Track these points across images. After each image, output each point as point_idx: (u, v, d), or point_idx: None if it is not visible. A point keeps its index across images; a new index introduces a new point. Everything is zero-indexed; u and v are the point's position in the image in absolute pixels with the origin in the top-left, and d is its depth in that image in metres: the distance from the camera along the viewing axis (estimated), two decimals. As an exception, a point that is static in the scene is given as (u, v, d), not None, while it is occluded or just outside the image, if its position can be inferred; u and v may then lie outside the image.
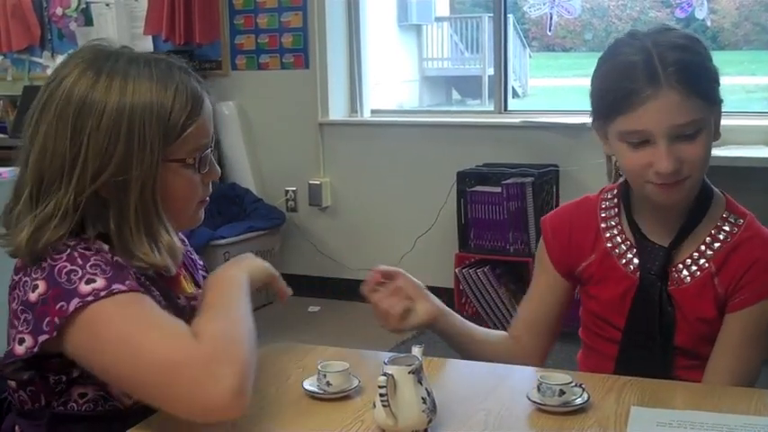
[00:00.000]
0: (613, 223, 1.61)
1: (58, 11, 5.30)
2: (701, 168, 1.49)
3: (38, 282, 1.23)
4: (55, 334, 1.20)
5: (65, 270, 1.22)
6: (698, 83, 1.44)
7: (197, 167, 1.34)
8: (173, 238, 1.33)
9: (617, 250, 1.59)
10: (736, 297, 1.52)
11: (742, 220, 1.56)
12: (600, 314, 1.63)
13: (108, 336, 1.19)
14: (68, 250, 1.25)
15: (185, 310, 1.38)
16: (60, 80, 1.29)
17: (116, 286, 1.21)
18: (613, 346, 1.60)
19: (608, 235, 1.61)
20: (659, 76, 1.41)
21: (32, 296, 1.22)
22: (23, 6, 5.36)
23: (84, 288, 1.20)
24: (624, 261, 1.58)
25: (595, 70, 1.54)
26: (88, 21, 5.22)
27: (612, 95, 1.46)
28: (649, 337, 1.55)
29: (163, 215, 1.31)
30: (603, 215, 1.63)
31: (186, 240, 1.55)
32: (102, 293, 1.20)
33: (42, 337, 1.20)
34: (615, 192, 1.64)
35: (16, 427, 1.34)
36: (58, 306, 1.20)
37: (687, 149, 1.44)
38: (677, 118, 1.42)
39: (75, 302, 1.19)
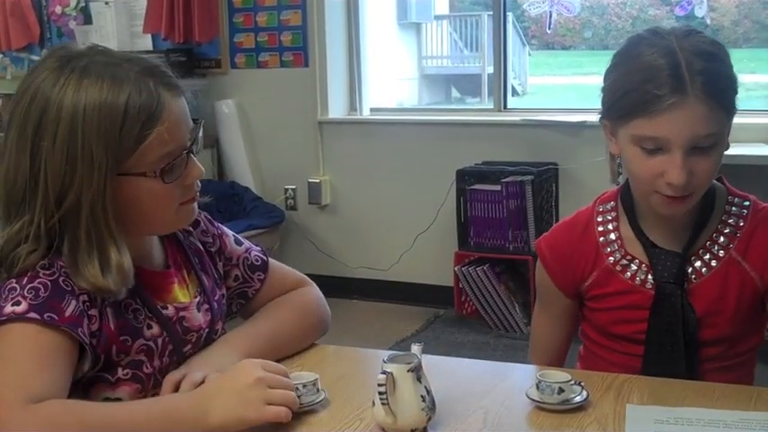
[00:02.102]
0: (613, 237, 1.57)
1: (58, 9, 5.29)
2: (708, 183, 1.47)
3: None
4: None
5: (9, 286, 1.22)
6: (723, 95, 1.40)
7: (161, 178, 1.28)
8: (123, 259, 1.26)
9: (619, 265, 1.56)
10: None
11: (747, 202, 1.55)
12: (608, 329, 1.60)
13: None
14: (25, 259, 1.24)
15: (170, 321, 1.36)
16: (22, 93, 1.27)
17: (33, 314, 1.19)
18: (626, 357, 1.57)
19: (608, 250, 1.57)
20: (686, 84, 1.36)
21: None
22: (23, 5, 5.36)
23: (8, 308, 1.20)
24: (629, 274, 1.55)
25: (613, 66, 1.48)
26: (87, 19, 5.21)
27: (633, 97, 1.40)
28: (674, 345, 1.52)
29: (117, 234, 1.26)
30: (601, 229, 1.59)
31: (214, 232, 1.53)
32: (15, 317, 1.19)
33: None
34: (612, 203, 1.60)
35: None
36: None
37: (700, 163, 1.40)
38: (699, 129, 1.38)
39: None
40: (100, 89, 1.24)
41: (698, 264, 1.52)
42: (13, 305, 1.20)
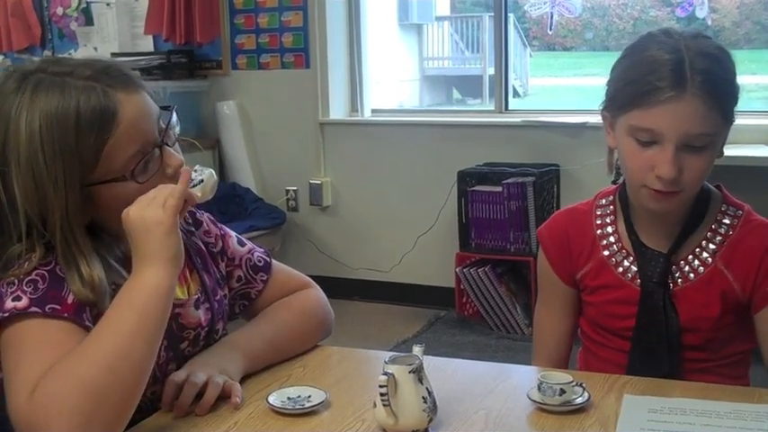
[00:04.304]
0: (610, 230, 1.59)
1: (59, 10, 5.30)
2: (698, 184, 1.48)
3: None
4: None
5: (6, 281, 1.22)
6: (721, 97, 1.42)
7: (134, 179, 1.27)
8: (93, 272, 1.24)
9: (613, 259, 1.58)
10: (761, 290, 1.51)
11: (741, 211, 1.56)
12: (599, 322, 1.62)
13: (4, 358, 1.19)
14: (25, 262, 1.24)
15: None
16: None
17: (34, 309, 1.19)
18: (616, 353, 1.59)
19: (604, 243, 1.59)
20: (686, 80, 1.39)
21: None
22: (24, 6, 5.36)
23: (9, 304, 1.20)
24: (621, 269, 1.57)
25: (620, 59, 1.51)
26: (89, 20, 5.23)
27: (633, 87, 1.43)
28: (656, 344, 1.53)
29: (86, 249, 1.25)
30: (599, 222, 1.61)
31: (217, 233, 1.52)
32: (18, 313, 1.19)
33: None
34: (612, 198, 1.62)
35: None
36: None
37: (691, 161, 1.42)
38: (693, 127, 1.40)
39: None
40: (49, 105, 1.23)
41: (686, 268, 1.54)
42: (13, 300, 1.20)
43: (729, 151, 1.51)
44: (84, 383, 1.12)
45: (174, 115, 1.36)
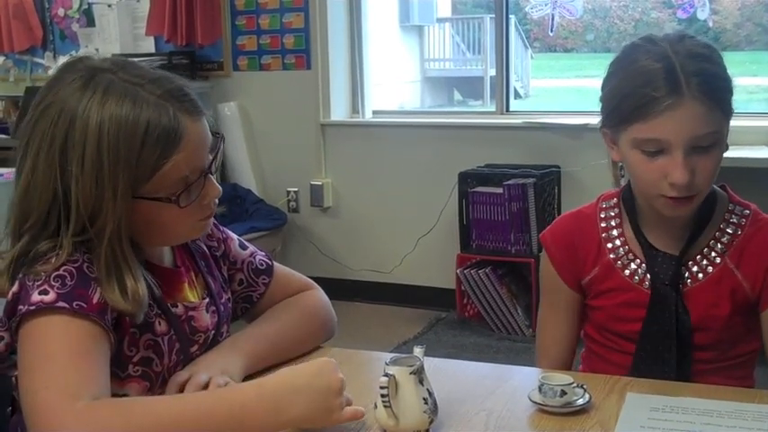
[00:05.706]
0: (615, 234, 1.59)
1: (60, 12, 5.31)
2: (710, 183, 1.48)
3: (18, 279, 1.23)
4: (10, 335, 1.21)
5: (34, 276, 1.22)
6: (718, 94, 1.42)
7: (177, 203, 1.27)
8: (138, 286, 1.24)
9: (620, 262, 1.57)
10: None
11: (748, 211, 1.56)
12: (606, 326, 1.61)
13: (24, 352, 1.19)
14: (52, 257, 1.23)
15: (178, 319, 1.36)
16: (44, 108, 1.24)
17: (62, 303, 1.18)
18: (623, 356, 1.58)
19: (610, 246, 1.59)
20: (682, 85, 1.39)
21: (10, 294, 1.23)
22: (25, 7, 5.37)
23: (35, 297, 1.19)
24: (628, 272, 1.57)
25: (609, 74, 1.50)
26: (90, 22, 5.23)
27: (630, 101, 1.43)
28: (666, 347, 1.53)
29: (132, 262, 1.25)
30: (603, 225, 1.60)
31: (219, 236, 1.53)
32: (45, 307, 1.18)
33: (8, 335, 1.22)
34: (615, 201, 1.61)
35: (18, 429, 1.34)
36: (18, 308, 1.20)
37: (701, 162, 1.42)
38: (697, 129, 1.40)
39: (23, 308, 1.19)
40: (121, 112, 1.22)
41: (695, 269, 1.54)
42: (40, 294, 1.19)
43: (730, 153, 1.52)
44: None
45: (223, 145, 1.36)
